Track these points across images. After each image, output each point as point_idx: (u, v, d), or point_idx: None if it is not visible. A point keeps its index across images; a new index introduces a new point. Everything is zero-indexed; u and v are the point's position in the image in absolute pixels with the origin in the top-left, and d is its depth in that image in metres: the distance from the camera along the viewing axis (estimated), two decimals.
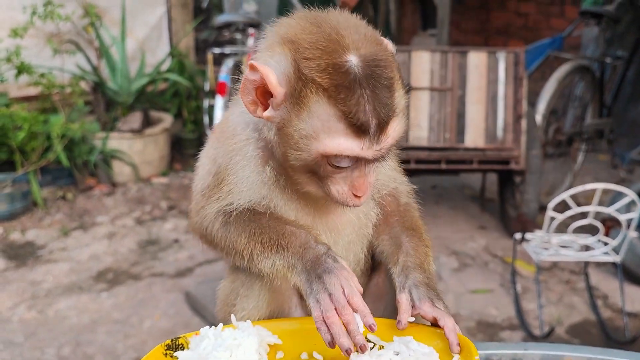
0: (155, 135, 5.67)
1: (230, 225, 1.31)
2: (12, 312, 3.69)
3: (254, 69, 1.17)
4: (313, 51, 1.14)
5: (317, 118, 1.14)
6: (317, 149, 1.15)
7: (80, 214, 5.00)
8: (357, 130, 1.13)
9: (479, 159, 4.23)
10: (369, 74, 1.12)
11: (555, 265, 4.22)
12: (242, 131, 1.32)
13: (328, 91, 1.12)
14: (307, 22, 1.20)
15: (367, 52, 1.13)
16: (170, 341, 1.23)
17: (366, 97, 1.12)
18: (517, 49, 4.25)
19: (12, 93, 5.37)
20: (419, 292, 1.26)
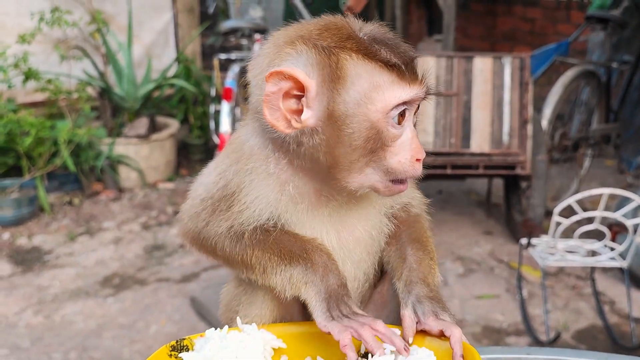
0: (162, 140, 5.69)
1: (242, 241, 1.27)
2: (18, 317, 3.71)
3: (273, 76, 1.15)
4: (326, 33, 1.17)
5: (362, 79, 1.14)
6: (376, 109, 1.15)
7: (86, 219, 5.02)
8: (399, 75, 1.15)
9: (485, 164, 4.23)
10: (379, 37, 1.18)
11: (562, 270, 4.20)
12: (260, 151, 1.27)
13: (360, 51, 1.15)
14: (304, 24, 1.22)
15: (369, 26, 1.20)
16: (175, 342, 1.23)
17: (389, 49, 1.16)
18: (523, 54, 4.24)
19: (20, 99, 5.40)
20: (422, 307, 1.23)
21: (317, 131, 1.17)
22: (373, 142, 1.17)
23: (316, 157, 1.20)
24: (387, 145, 1.18)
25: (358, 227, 1.33)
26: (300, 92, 1.16)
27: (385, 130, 1.16)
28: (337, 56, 1.14)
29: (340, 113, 1.15)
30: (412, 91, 1.17)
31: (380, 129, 1.16)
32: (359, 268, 1.36)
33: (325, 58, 1.14)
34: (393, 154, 1.19)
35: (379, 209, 1.35)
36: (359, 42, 1.16)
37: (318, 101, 1.16)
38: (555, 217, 3.24)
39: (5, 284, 4.07)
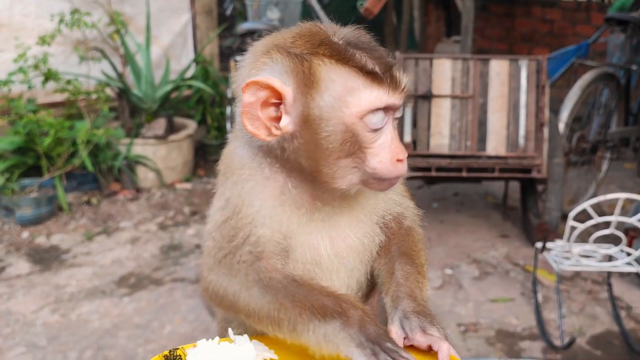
0: (179, 141, 5.72)
1: (264, 287, 1.23)
2: (36, 316, 3.76)
3: (250, 86, 1.17)
4: (300, 40, 1.19)
5: (335, 84, 1.16)
6: (350, 114, 1.16)
7: (104, 219, 5.07)
8: (374, 80, 1.17)
9: (501, 167, 4.21)
10: (354, 41, 1.20)
11: (578, 275, 4.17)
12: (251, 161, 1.28)
13: (333, 56, 1.17)
14: (280, 33, 1.25)
15: (344, 31, 1.22)
16: (168, 352, 1.25)
17: (365, 54, 1.18)
18: (539, 57, 4.22)
19: (40, 99, 5.47)
20: (410, 323, 1.23)
21: (296, 136, 1.20)
22: (350, 145, 1.18)
23: (299, 162, 1.22)
24: (365, 147, 1.20)
25: (350, 234, 1.34)
26: (278, 99, 1.19)
27: (362, 133, 1.18)
28: (310, 62, 1.16)
29: (315, 117, 1.17)
30: (387, 97, 1.18)
31: (355, 132, 1.18)
32: (352, 277, 1.37)
33: (299, 64, 1.17)
34: (373, 155, 1.20)
35: (371, 217, 1.36)
36: (332, 47, 1.18)
37: (295, 107, 1.18)
38: (570, 222, 3.22)
39: (23, 282, 4.12)
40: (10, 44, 5.24)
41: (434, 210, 5.20)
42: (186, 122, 6.03)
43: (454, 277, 4.17)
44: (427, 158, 4.24)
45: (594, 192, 4.99)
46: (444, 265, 4.31)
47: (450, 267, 4.29)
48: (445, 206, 5.30)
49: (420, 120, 4.26)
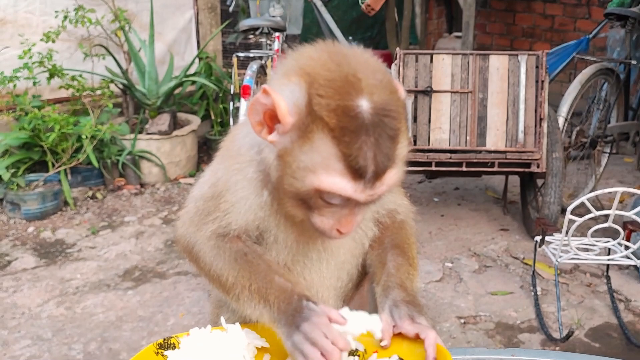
0: (183, 136, 5.78)
1: (220, 252, 1.35)
2: (41, 309, 3.81)
3: (266, 93, 1.19)
4: (327, 89, 1.15)
5: (318, 154, 1.15)
6: (312, 182, 1.17)
7: (109, 213, 5.12)
8: (354, 173, 1.14)
9: (500, 161, 4.25)
10: (376, 122, 1.13)
11: (577, 268, 4.21)
12: (246, 152, 1.34)
13: (334, 131, 1.13)
14: (328, 58, 1.21)
15: (379, 99, 1.15)
16: (162, 340, 1.28)
17: (369, 144, 1.13)
18: (539, 52, 4.25)
19: (45, 95, 5.52)
20: (399, 311, 1.28)
21: (273, 153, 1.24)
22: (305, 198, 1.21)
23: (269, 172, 1.28)
24: (315, 208, 1.23)
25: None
26: (279, 119, 1.20)
27: (316, 200, 1.21)
28: (313, 124, 1.15)
29: (289, 160, 1.20)
30: (354, 193, 1.18)
31: (311, 196, 1.20)
32: (342, 269, 1.41)
33: (306, 116, 1.16)
34: (319, 214, 1.23)
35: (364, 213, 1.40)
36: (342, 120, 1.14)
37: (286, 136, 1.20)
38: (568, 215, 3.26)
39: (29, 276, 4.18)
40: (16, 41, 5.29)
41: (434, 205, 5.24)
42: (190, 118, 6.08)
43: (454, 270, 4.22)
44: (427, 153, 4.29)
45: (594, 187, 5.02)
46: (444, 258, 4.36)
47: (450, 260, 4.33)
48: (446, 200, 5.34)
49: (420, 115, 4.30)
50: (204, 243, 1.37)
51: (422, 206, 5.18)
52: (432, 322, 1.28)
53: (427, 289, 3.99)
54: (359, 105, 1.13)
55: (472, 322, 3.68)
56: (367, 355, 1.27)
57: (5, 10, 5.42)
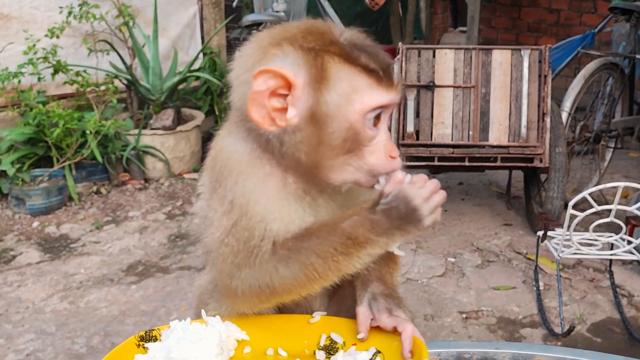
0: (187, 131, 5.79)
1: (291, 255, 1.25)
2: (45, 303, 3.84)
3: (262, 74, 1.18)
4: (310, 36, 1.23)
5: (343, 82, 1.20)
6: (354, 110, 1.20)
7: (113, 208, 5.15)
8: (376, 78, 1.22)
9: (503, 156, 4.24)
10: (359, 43, 1.25)
11: (580, 263, 4.20)
12: (250, 156, 1.28)
13: (342, 55, 1.21)
14: (286, 26, 1.28)
15: (349, 32, 1.27)
16: (144, 333, 1.29)
17: (369, 51, 1.24)
18: (542, 47, 4.23)
19: (50, 91, 5.55)
20: (377, 304, 1.29)
21: (299, 130, 1.22)
22: (351, 142, 1.22)
23: (297, 157, 1.24)
24: (364, 145, 1.24)
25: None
26: (286, 91, 1.21)
27: (363, 131, 1.22)
28: (322, 58, 1.20)
29: (322, 113, 1.20)
30: (388, 96, 1.24)
31: (357, 129, 1.22)
32: None
33: (312, 59, 1.20)
34: (370, 152, 1.25)
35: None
36: (341, 47, 1.22)
37: (302, 101, 1.21)
38: (570, 210, 3.25)
39: (33, 270, 4.21)
40: (20, 37, 5.31)
41: None
42: (194, 113, 6.09)
43: (457, 265, 4.22)
44: (430, 148, 4.28)
45: (598, 181, 5.01)
46: (447, 253, 4.35)
47: (453, 255, 4.33)
48: (449, 195, 5.28)
49: (423, 110, 4.30)
50: (267, 266, 1.25)
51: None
52: (410, 315, 1.30)
53: (429, 284, 3.99)
54: (341, 36, 1.24)
55: (474, 317, 3.68)
56: (346, 347, 1.28)
57: (10, 7, 5.45)
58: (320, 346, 1.29)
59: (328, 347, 1.28)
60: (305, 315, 1.38)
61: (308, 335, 1.32)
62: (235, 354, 1.29)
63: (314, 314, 1.36)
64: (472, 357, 1.37)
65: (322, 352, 1.28)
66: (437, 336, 3.49)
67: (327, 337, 1.30)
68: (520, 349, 1.35)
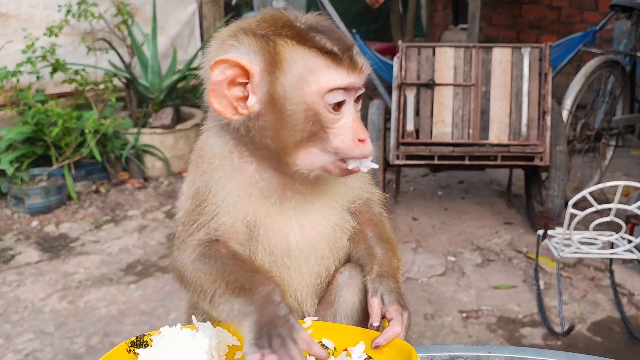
0: (186, 130, 5.78)
1: (205, 258, 1.26)
2: (44, 303, 3.83)
3: (218, 64, 1.21)
4: (264, 24, 1.24)
5: (297, 64, 1.21)
6: (311, 91, 1.21)
7: (112, 207, 5.13)
8: (334, 60, 1.21)
9: (503, 155, 4.23)
10: (315, 25, 1.25)
11: (580, 262, 4.19)
12: (222, 149, 1.32)
13: (295, 37, 1.22)
14: (245, 19, 1.30)
15: (305, 16, 1.28)
16: (135, 338, 1.28)
17: (325, 33, 1.23)
18: (542, 44, 4.22)
19: (49, 90, 5.54)
20: (390, 297, 1.31)
21: (261, 115, 1.24)
22: (312, 124, 1.23)
23: (265, 143, 1.26)
24: (327, 127, 1.24)
25: (322, 222, 1.38)
26: (245, 79, 1.23)
27: (323, 112, 1.23)
28: (275, 42, 1.21)
29: (279, 96, 1.22)
30: (347, 78, 1.23)
31: (317, 110, 1.22)
32: (321, 264, 1.41)
33: (265, 45, 1.22)
34: (335, 135, 1.24)
35: (342, 204, 1.41)
36: (294, 29, 1.23)
37: (261, 87, 1.23)
38: (570, 209, 3.24)
39: (32, 270, 4.20)
40: (19, 35, 5.30)
41: (438, 198, 5.23)
42: (193, 112, 6.08)
43: (457, 264, 4.20)
44: (430, 146, 4.27)
45: (599, 180, 4.99)
46: (447, 252, 4.34)
47: (453, 254, 4.32)
48: (450, 194, 5.32)
49: (423, 108, 4.28)
50: (190, 254, 1.28)
51: (425, 200, 5.16)
52: (409, 320, 1.30)
53: (429, 283, 3.98)
54: (295, 20, 1.25)
55: (474, 316, 3.67)
56: (337, 352, 1.27)
57: (8, 5, 5.44)
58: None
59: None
60: None
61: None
62: (226, 359, 1.29)
63: (305, 319, 1.35)
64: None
65: (313, 358, 1.26)
66: (436, 335, 3.48)
67: (318, 342, 1.29)
68: (513, 353, 1.34)
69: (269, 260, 1.35)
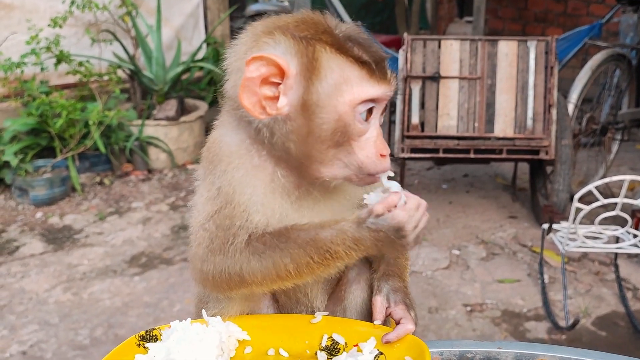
0: (191, 122, 5.77)
1: (264, 251, 1.25)
2: (48, 294, 3.83)
3: (254, 61, 1.18)
4: (303, 26, 1.22)
5: (334, 72, 1.18)
6: (344, 101, 1.19)
7: (116, 199, 5.13)
8: (368, 72, 1.20)
9: (508, 148, 4.21)
10: (353, 35, 1.23)
11: (585, 256, 4.18)
12: (239, 148, 1.28)
13: (334, 45, 1.19)
14: (281, 17, 1.27)
15: (344, 25, 1.25)
16: (144, 332, 1.28)
17: (362, 43, 1.22)
18: (548, 38, 4.19)
19: (53, 81, 5.53)
20: (395, 296, 1.31)
21: (289, 119, 1.21)
22: (340, 135, 1.21)
23: (287, 147, 1.23)
24: (353, 139, 1.22)
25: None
26: (279, 79, 1.20)
27: (352, 123, 1.21)
28: (314, 47, 1.19)
29: (312, 103, 1.19)
30: (380, 89, 1.21)
31: (347, 122, 1.20)
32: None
33: (303, 48, 1.19)
34: (359, 148, 1.23)
35: (355, 203, 1.39)
36: (333, 36, 1.20)
37: (294, 89, 1.20)
38: (575, 204, 3.23)
39: (37, 261, 4.21)
40: (23, 26, 5.29)
41: (443, 191, 5.21)
42: (197, 104, 6.07)
43: (462, 257, 4.20)
44: (435, 139, 4.25)
45: (604, 174, 4.98)
46: (452, 246, 4.33)
47: (457, 247, 4.31)
48: (454, 187, 5.31)
49: (428, 101, 4.26)
50: (240, 256, 1.26)
51: (430, 193, 5.15)
52: (416, 320, 1.30)
53: (433, 277, 3.98)
54: (335, 27, 1.23)
55: (479, 309, 3.66)
56: (348, 348, 1.27)
57: None
58: (322, 347, 1.28)
59: (329, 348, 1.27)
60: (306, 315, 1.37)
61: (309, 336, 1.31)
62: (237, 354, 1.28)
63: (315, 314, 1.34)
64: (474, 357, 1.35)
65: (324, 353, 1.26)
66: (441, 329, 3.48)
67: (328, 337, 1.28)
68: (523, 349, 1.33)
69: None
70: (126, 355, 1.22)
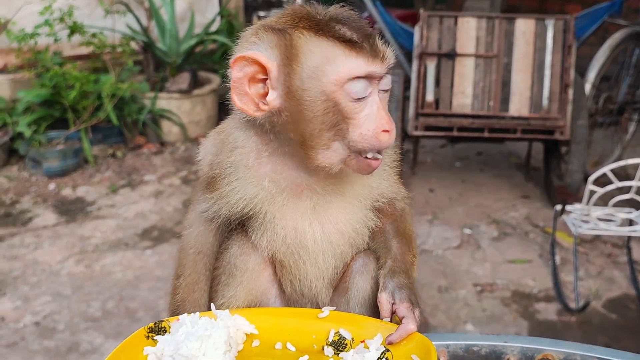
0: (203, 95, 5.75)
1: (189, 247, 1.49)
2: (61, 266, 3.87)
3: (237, 62, 1.21)
4: (283, 18, 1.24)
5: (314, 54, 1.19)
6: (329, 81, 1.18)
7: (128, 172, 5.15)
8: (353, 47, 1.18)
9: (523, 127, 4.17)
10: (335, 15, 1.22)
11: (598, 238, 4.15)
12: (243, 143, 1.33)
13: (312, 28, 1.20)
14: (270, 16, 1.30)
15: (328, 9, 1.25)
16: (153, 324, 1.29)
17: (344, 21, 1.21)
18: (567, 16, 4.12)
19: (66, 52, 5.52)
20: (401, 294, 1.30)
21: (283, 110, 1.23)
22: (332, 115, 1.20)
23: (288, 137, 1.26)
24: (348, 118, 1.21)
25: (342, 220, 1.37)
26: (265, 75, 1.22)
27: (344, 102, 1.20)
28: (291, 35, 1.20)
29: (297, 88, 1.20)
30: (368, 66, 1.19)
31: (336, 101, 1.20)
32: (339, 259, 1.41)
33: (281, 39, 1.21)
34: (356, 127, 1.22)
35: (364, 203, 1.39)
36: (312, 20, 1.21)
37: (280, 81, 1.22)
38: (589, 186, 3.20)
39: (49, 233, 4.24)
40: None
41: (456, 170, 5.19)
42: (210, 77, 6.04)
43: (473, 237, 4.18)
44: (449, 117, 4.21)
45: (620, 155, 4.92)
46: (463, 225, 4.32)
47: (469, 227, 4.30)
48: (468, 165, 5.28)
49: (443, 79, 4.22)
50: (190, 225, 1.47)
51: (443, 171, 5.12)
52: (421, 318, 1.30)
53: (444, 256, 3.97)
54: (316, 11, 1.23)
55: (489, 289, 3.66)
56: (355, 343, 1.27)
57: None
58: (329, 342, 1.28)
59: (336, 343, 1.27)
60: (314, 310, 1.38)
61: (317, 330, 1.31)
62: (244, 347, 1.29)
63: (323, 309, 1.34)
64: (480, 350, 1.35)
65: (331, 349, 1.26)
66: (450, 309, 3.48)
67: (335, 332, 1.28)
68: (529, 343, 1.33)
69: (282, 250, 1.37)
70: (135, 347, 1.24)
